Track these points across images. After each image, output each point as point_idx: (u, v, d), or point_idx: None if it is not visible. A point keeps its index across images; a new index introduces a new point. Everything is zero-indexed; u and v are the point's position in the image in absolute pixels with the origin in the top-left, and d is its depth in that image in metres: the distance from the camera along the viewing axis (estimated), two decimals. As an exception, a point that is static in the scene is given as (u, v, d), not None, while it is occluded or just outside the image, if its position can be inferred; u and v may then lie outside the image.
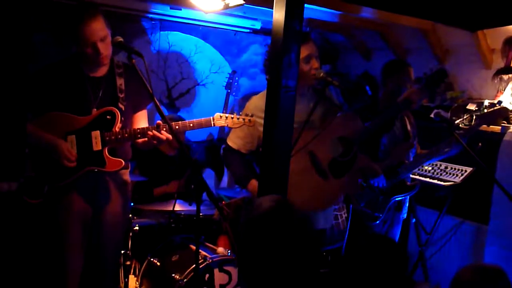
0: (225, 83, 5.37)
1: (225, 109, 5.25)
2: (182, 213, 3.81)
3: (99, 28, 2.65)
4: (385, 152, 3.55)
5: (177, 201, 3.68)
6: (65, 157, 2.63)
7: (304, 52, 2.84)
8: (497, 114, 3.67)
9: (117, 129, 2.73)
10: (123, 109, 2.79)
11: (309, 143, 2.81)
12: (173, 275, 3.30)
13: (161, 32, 5.22)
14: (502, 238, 3.83)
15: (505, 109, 3.74)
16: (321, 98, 2.85)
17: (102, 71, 2.82)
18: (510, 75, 4.03)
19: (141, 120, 2.98)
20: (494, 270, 2.02)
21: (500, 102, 3.80)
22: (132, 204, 3.67)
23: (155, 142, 2.71)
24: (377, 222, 3.46)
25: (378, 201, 3.46)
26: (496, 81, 4.13)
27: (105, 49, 2.69)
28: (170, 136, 2.69)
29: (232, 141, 3.11)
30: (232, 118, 2.80)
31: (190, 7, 4.37)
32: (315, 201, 3.02)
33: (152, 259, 3.53)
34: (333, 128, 3.02)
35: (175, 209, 3.62)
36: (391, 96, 3.52)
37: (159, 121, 2.70)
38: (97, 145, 2.70)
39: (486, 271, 2.01)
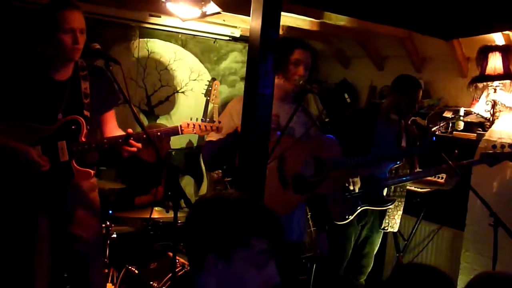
0: (205, 90, 5.38)
1: (204, 117, 5.24)
2: (161, 220, 3.80)
3: (81, 19, 2.54)
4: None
5: (156, 208, 3.66)
6: (36, 163, 2.49)
7: (298, 55, 2.88)
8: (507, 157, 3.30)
9: (83, 139, 2.61)
10: (89, 116, 2.68)
11: (287, 149, 2.79)
12: (151, 282, 3.28)
13: (141, 39, 5.21)
14: (477, 244, 3.89)
15: None
16: (300, 104, 2.84)
17: (67, 73, 2.66)
18: (485, 83, 4.09)
19: (110, 121, 2.87)
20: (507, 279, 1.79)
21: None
22: (110, 212, 3.65)
23: (126, 154, 2.65)
24: (344, 222, 3.45)
25: (348, 202, 3.47)
26: (471, 89, 4.19)
27: (81, 44, 2.56)
28: (139, 146, 2.63)
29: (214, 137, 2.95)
30: (200, 126, 2.73)
31: (169, 14, 4.38)
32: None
33: (130, 267, 3.50)
34: (312, 145, 2.99)
35: (154, 216, 3.60)
36: (394, 109, 3.56)
37: (129, 130, 2.63)
38: (64, 156, 2.58)
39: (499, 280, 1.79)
